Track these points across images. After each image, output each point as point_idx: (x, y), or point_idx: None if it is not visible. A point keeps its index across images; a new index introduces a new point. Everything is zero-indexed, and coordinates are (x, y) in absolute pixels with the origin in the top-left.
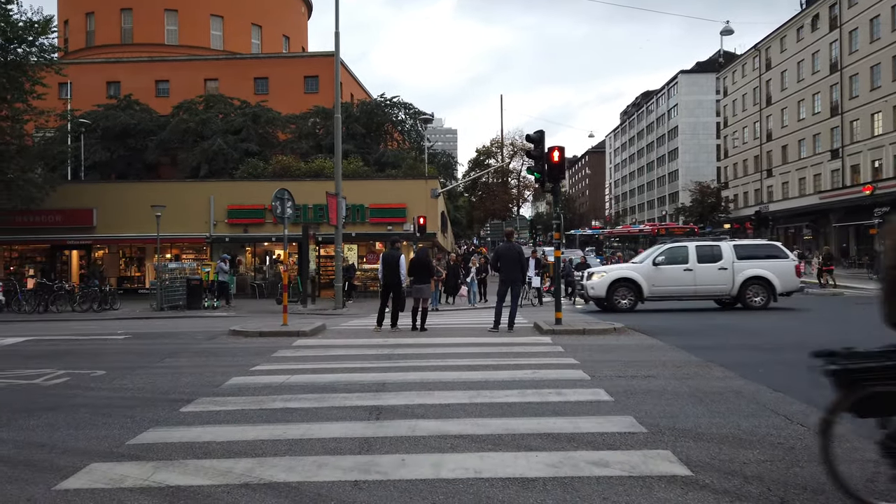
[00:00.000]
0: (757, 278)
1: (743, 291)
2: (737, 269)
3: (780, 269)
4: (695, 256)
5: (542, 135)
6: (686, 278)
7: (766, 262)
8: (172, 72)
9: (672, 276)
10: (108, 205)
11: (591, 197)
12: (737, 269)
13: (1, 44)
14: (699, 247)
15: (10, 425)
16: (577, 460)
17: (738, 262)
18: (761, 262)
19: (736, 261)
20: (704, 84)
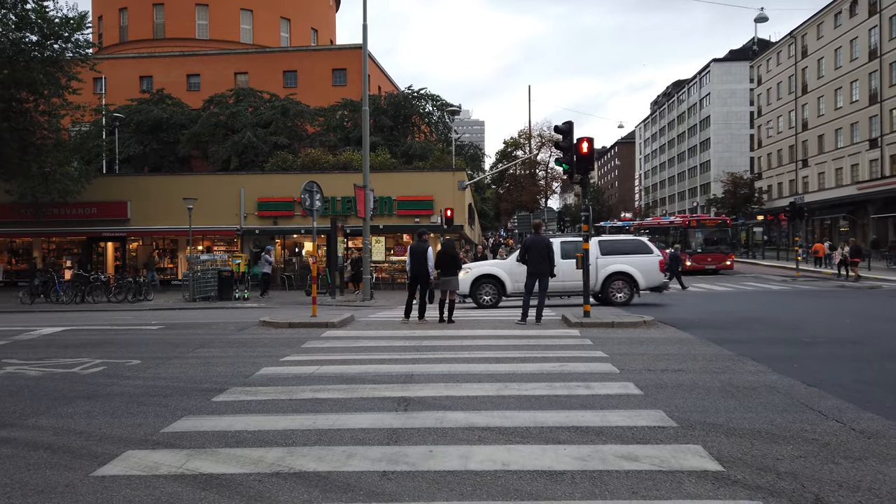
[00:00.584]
0: (620, 274)
1: (606, 287)
2: (600, 265)
3: (644, 265)
4: (559, 252)
5: (571, 126)
6: None
7: (630, 258)
8: (203, 66)
9: None
10: (141, 197)
11: (620, 188)
12: (600, 265)
13: (38, 40)
14: (564, 242)
15: (49, 413)
16: (605, 454)
17: (603, 258)
18: (626, 258)
19: (600, 256)
20: (738, 72)
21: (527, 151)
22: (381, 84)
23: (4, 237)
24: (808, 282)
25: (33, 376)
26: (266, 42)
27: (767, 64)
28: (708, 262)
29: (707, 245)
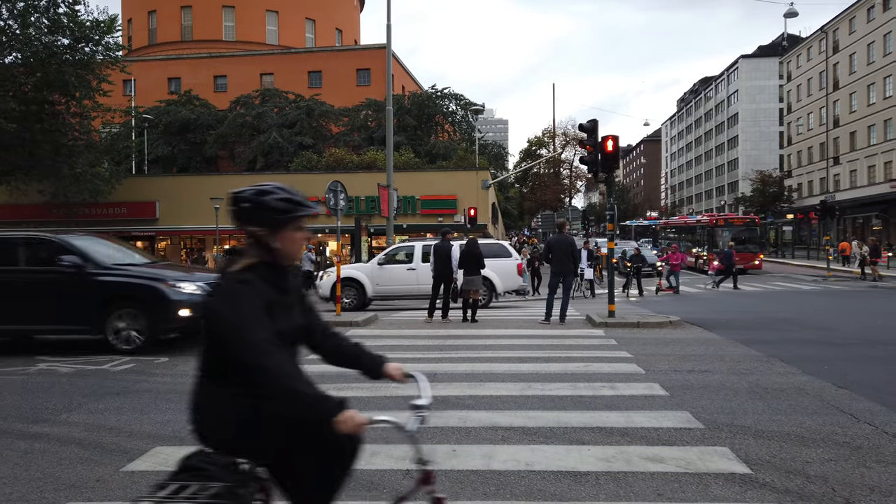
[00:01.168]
0: None
1: None
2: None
3: (502, 269)
4: (420, 256)
5: (596, 124)
6: (409, 277)
7: (490, 262)
8: (230, 67)
9: (395, 276)
10: (169, 197)
11: (645, 187)
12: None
13: (70, 43)
14: (426, 246)
15: (81, 409)
16: (630, 455)
17: None
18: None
19: None
20: (767, 69)
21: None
22: (404, 84)
23: None
24: (839, 282)
25: (65, 373)
26: (291, 43)
27: (797, 60)
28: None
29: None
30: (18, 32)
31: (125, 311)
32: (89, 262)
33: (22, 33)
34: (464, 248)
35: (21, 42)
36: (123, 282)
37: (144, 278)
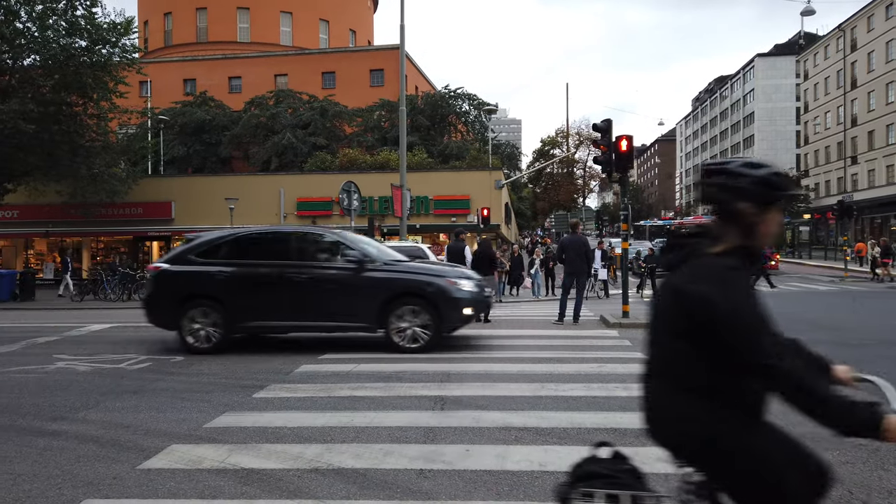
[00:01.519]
0: None
1: None
2: None
3: None
4: None
5: (610, 123)
6: None
7: None
8: (244, 68)
9: None
10: (185, 198)
11: (660, 186)
12: None
13: (87, 45)
14: None
15: (98, 407)
16: (644, 456)
17: None
18: None
19: None
20: (783, 67)
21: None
22: (418, 84)
23: (56, 237)
24: (856, 282)
25: (83, 371)
26: (305, 44)
27: (814, 58)
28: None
29: None
30: (37, 35)
31: (406, 309)
32: (367, 258)
33: (40, 36)
34: (477, 249)
35: (39, 44)
36: (410, 278)
37: (430, 275)
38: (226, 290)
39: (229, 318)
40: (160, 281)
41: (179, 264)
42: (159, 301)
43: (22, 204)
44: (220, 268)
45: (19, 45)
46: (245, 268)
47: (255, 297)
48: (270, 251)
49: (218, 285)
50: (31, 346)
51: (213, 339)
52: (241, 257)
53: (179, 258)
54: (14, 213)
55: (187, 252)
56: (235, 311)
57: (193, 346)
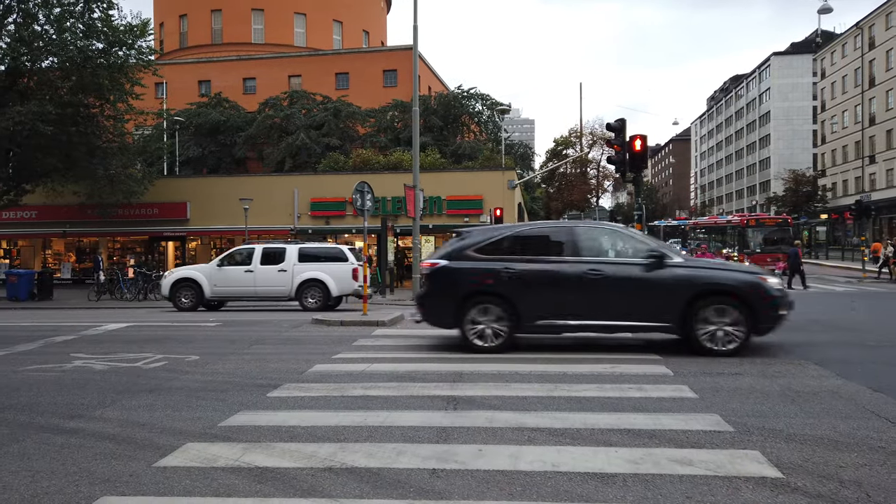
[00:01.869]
0: (313, 280)
1: (300, 293)
2: (296, 272)
3: (338, 272)
4: (259, 258)
5: (624, 123)
6: (247, 279)
7: (325, 265)
8: (259, 69)
9: (234, 277)
10: (200, 198)
11: (675, 186)
12: (296, 272)
13: (104, 47)
14: (266, 248)
15: (114, 405)
16: (658, 457)
17: (300, 265)
18: (321, 265)
19: (297, 263)
20: (800, 66)
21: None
22: (430, 84)
23: (73, 237)
24: (874, 283)
25: (100, 370)
26: (319, 45)
27: (832, 56)
28: (767, 262)
29: (767, 245)
30: (55, 37)
31: (712, 309)
32: (666, 253)
33: (58, 38)
34: None
35: (57, 47)
36: (718, 275)
37: (738, 271)
38: (513, 286)
39: (516, 315)
40: (439, 278)
41: (459, 261)
42: (438, 299)
43: (40, 205)
44: (506, 264)
45: (37, 48)
46: (534, 263)
47: (546, 295)
48: (555, 246)
49: (504, 282)
50: (49, 345)
51: (500, 337)
52: (525, 253)
53: (458, 254)
54: (32, 213)
55: (465, 248)
56: (523, 309)
57: (478, 344)
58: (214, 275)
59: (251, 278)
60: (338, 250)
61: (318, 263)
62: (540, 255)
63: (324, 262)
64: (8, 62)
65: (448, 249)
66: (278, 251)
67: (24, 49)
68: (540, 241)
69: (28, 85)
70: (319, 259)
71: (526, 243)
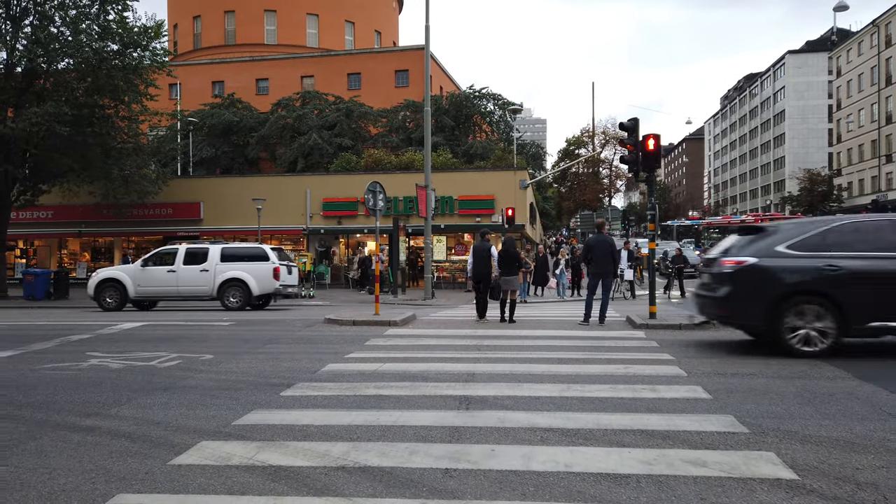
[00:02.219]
0: (234, 280)
1: (222, 292)
2: (218, 271)
3: (258, 272)
4: (182, 258)
5: (637, 122)
6: (169, 279)
7: (246, 265)
8: (271, 70)
9: (157, 277)
10: (213, 198)
11: (688, 186)
12: (218, 271)
13: (119, 49)
14: (189, 248)
15: (130, 403)
16: (672, 458)
17: (222, 265)
18: (243, 265)
19: (219, 263)
20: (815, 64)
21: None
22: (442, 84)
23: (89, 237)
24: None
25: (115, 368)
26: (331, 45)
27: (848, 54)
28: None
29: None
30: (70, 39)
31: None
32: None
33: (74, 40)
34: (501, 248)
35: (73, 48)
36: None
37: None
38: (840, 285)
39: (843, 317)
40: (748, 277)
41: (770, 258)
42: (747, 300)
43: (56, 205)
44: (829, 261)
45: (54, 49)
46: (867, 260)
47: (884, 295)
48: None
49: (829, 280)
50: (64, 343)
51: (825, 342)
52: (852, 248)
53: (767, 251)
54: (49, 213)
55: (776, 244)
56: (852, 310)
57: (803, 350)
58: (138, 275)
59: (174, 278)
60: (259, 250)
61: (240, 263)
62: (871, 251)
63: (246, 261)
64: (25, 64)
65: (755, 246)
66: (201, 251)
67: (41, 51)
68: (870, 235)
69: (45, 86)
70: (242, 259)
71: (852, 237)
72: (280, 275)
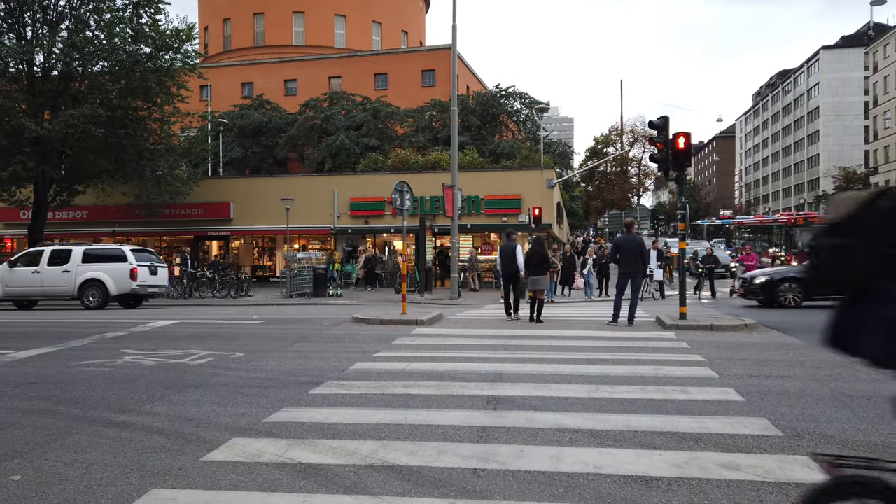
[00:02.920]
0: (93, 280)
1: (82, 292)
2: (79, 272)
3: (116, 273)
4: (46, 259)
5: (667, 120)
6: (34, 280)
7: (106, 266)
8: (299, 71)
9: (23, 278)
10: (243, 198)
11: (718, 185)
12: (79, 272)
13: (151, 52)
14: (54, 250)
15: (163, 400)
16: (704, 461)
17: (83, 266)
18: (102, 266)
19: (81, 264)
20: (850, 60)
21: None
22: (469, 83)
23: (122, 236)
24: None
25: (148, 366)
26: (358, 46)
27: (885, 49)
28: None
29: None
30: (105, 42)
31: None
32: None
33: (108, 43)
34: (529, 248)
35: (107, 51)
36: None
37: None
38: None
39: None
40: None
41: None
42: None
43: (91, 205)
44: None
45: (89, 53)
46: None
47: None
48: None
49: None
50: (99, 341)
51: None
52: None
53: None
54: (84, 213)
55: None
56: None
57: None
58: (6, 276)
59: (38, 279)
60: (119, 251)
61: (100, 264)
62: None
63: (106, 262)
64: (61, 67)
65: None
66: (65, 252)
67: (76, 54)
68: None
69: (80, 89)
70: (102, 260)
71: None
72: (137, 275)
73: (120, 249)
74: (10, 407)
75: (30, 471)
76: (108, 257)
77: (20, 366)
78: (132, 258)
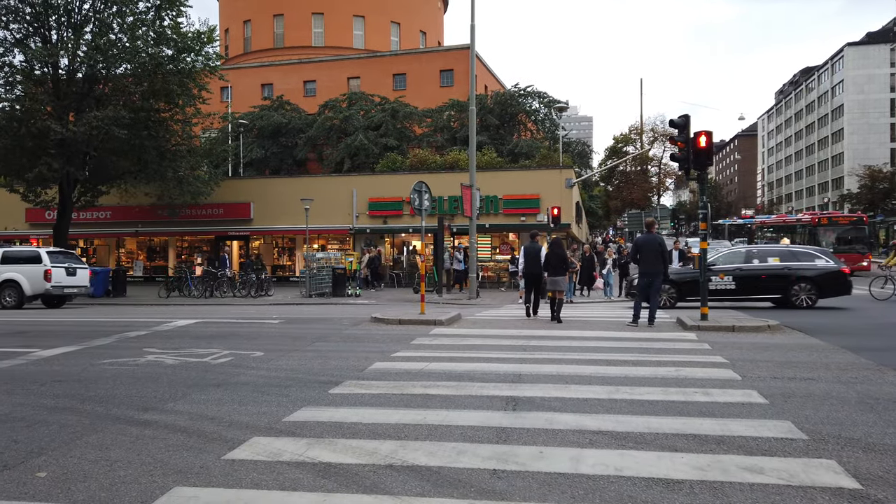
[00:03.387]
0: (9, 281)
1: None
2: None
3: (31, 274)
4: None
5: (688, 119)
6: None
7: (21, 267)
8: (319, 72)
9: None
10: (263, 198)
11: (740, 184)
12: None
13: (173, 54)
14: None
15: (185, 398)
16: (726, 464)
17: (1, 266)
18: (18, 267)
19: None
20: (876, 56)
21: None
22: (487, 83)
23: (145, 236)
24: None
25: (170, 364)
26: (377, 47)
27: None
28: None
29: (840, 245)
30: (128, 45)
31: None
32: None
33: (131, 46)
34: (548, 249)
35: (130, 54)
36: None
37: None
38: None
39: None
40: None
41: None
42: None
43: (114, 205)
44: None
45: (112, 55)
46: None
47: None
48: None
49: None
50: (123, 339)
51: None
52: None
53: None
54: (107, 213)
55: None
56: None
57: None
58: (31, 275)
59: None
60: (34, 253)
61: (17, 265)
62: None
63: (22, 263)
64: (85, 70)
65: None
66: None
67: (100, 57)
68: None
69: (104, 91)
70: (19, 261)
71: None
72: (52, 276)
73: (36, 251)
74: (36, 404)
75: (55, 468)
76: (24, 259)
77: (46, 364)
78: (47, 260)
